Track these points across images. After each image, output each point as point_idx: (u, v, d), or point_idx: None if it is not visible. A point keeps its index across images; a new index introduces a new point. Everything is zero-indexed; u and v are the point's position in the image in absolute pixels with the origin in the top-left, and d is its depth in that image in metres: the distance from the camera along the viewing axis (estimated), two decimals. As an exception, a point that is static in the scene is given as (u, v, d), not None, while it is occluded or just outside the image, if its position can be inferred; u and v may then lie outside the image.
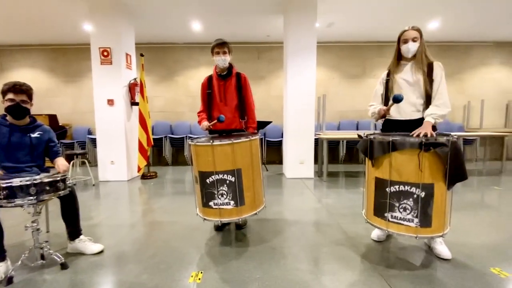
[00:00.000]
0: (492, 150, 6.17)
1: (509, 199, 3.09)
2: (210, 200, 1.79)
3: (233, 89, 2.18)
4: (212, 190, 1.78)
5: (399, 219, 1.57)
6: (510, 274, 1.55)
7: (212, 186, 1.77)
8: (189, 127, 5.89)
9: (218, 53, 2.08)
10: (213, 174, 1.75)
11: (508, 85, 6.17)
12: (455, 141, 1.48)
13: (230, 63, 2.17)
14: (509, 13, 4.54)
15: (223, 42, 2.09)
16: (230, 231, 2.22)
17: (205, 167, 1.78)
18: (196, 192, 1.91)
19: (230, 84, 2.18)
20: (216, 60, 2.12)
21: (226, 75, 2.17)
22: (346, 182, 4.04)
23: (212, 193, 1.78)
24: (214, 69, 2.20)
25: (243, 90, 2.21)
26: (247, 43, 5.78)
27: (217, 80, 2.18)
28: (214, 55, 2.12)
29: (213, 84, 2.20)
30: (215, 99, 2.19)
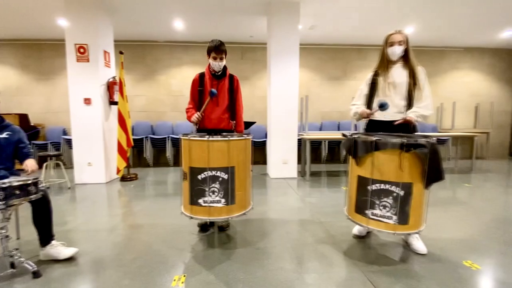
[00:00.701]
0: (463, 150, 6.55)
1: (479, 195, 3.29)
2: (200, 198, 1.76)
3: (225, 90, 2.17)
4: (203, 187, 1.75)
5: (379, 216, 1.63)
6: (480, 267, 1.66)
7: (203, 182, 1.74)
8: (171, 127, 5.77)
9: (215, 58, 2.07)
10: (206, 170, 1.73)
11: (477, 88, 6.59)
12: (434, 143, 1.56)
13: (225, 64, 2.17)
14: (477, 22, 4.85)
15: (221, 48, 2.06)
16: (213, 233, 2.19)
17: (198, 163, 1.74)
18: (184, 190, 1.86)
19: (223, 85, 2.17)
20: (211, 63, 2.10)
21: (220, 75, 2.16)
22: (328, 181, 4.13)
23: (202, 190, 1.75)
24: (208, 68, 2.18)
25: (235, 93, 2.22)
26: (230, 43, 5.75)
27: (210, 79, 2.16)
28: (210, 58, 2.09)
29: (205, 82, 2.17)
30: (206, 98, 2.17)
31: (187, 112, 2.23)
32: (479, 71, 6.57)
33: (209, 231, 2.22)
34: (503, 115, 6.72)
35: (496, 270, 1.62)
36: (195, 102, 2.21)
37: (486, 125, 6.55)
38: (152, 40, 5.68)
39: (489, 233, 2.16)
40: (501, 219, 2.46)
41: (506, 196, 3.26)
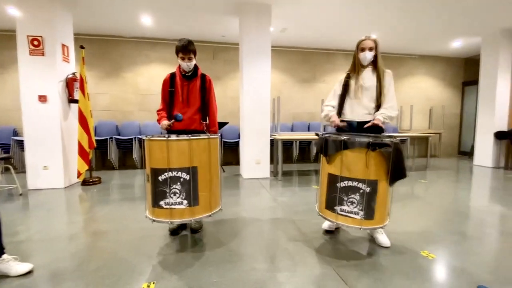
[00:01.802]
0: (420, 149, 7.15)
1: (433, 190, 3.61)
2: (161, 200, 1.70)
3: (197, 90, 2.12)
4: (164, 188, 1.68)
5: (347, 212, 1.71)
6: (436, 256, 1.81)
7: (164, 184, 1.68)
8: (139, 127, 5.49)
9: (183, 58, 2.01)
10: (166, 171, 1.67)
11: (431, 93, 7.23)
12: (397, 143, 1.67)
13: (196, 64, 2.12)
14: (430, 32, 5.32)
15: (189, 48, 1.99)
16: (184, 236, 2.12)
17: (158, 163, 1.68)
18: (147, 192, 1.79)
19: (194, 85, 2.11)
20: (181, 64, 2.05)
21: (191, 76, 2.10)
22: (299, 180, 4.23)
23: (163, 192, 1.69)
24: (178, 68, 2.11)
25: (207, 93, 2.17)
26: (202, 41, 5.65)
27: (181, 79, 2.10)
28: (178, 58, 2.04)
29: (176, 82, 2.10)
30: (177, 98, 2.10)
31: (158, 114, 2.16)
32: (432, 77, 7.22)
33: (180, 233, 2.15)
34: (453, 117, 7.46)
35: (449, 258, 1.78)
36: (166, 104, 2.15)
37: (439, 126, 7.22)
38: (118, 35, 5.37)
39: (442, 224, 2.37)
40: (452, 212, 2.72)
41: (456, 190, 3.61)
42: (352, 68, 2.07)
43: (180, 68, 2.09)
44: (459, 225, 2.35)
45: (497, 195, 3.38)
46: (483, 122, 5.65)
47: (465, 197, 3.27)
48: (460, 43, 6.02)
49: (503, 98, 5.45)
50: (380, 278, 1.54)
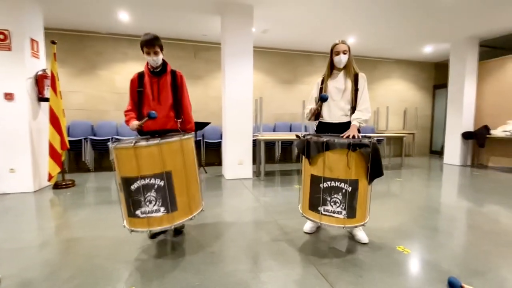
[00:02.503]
0: (395, 148, 7.48)
1: (408, 188, 3.79)
2: (137, 209, 1.62)
3: (168, 87, 2.04)
4: (138, 197, 1.60)
5: (330, 212, 1.75)
6: (410, 250, 1.90)
7: (137, 193, 1.60)
8: (115, 127, 5.28)
9: (148, 53, 1.93)
10: (138, 179, 1.58)
11: (405, 95, 7.60)
12: (375, 143, 1.74)
13: (164, 60, 2.04)
14: (404, 38, 5.59)
15: (152, 41, 1.91)
16: (164, 240, 2.07)
17: (128, 171, 1.60)
18: (121, 202, 1.71)
19: (164, 81, 2.03)
20: (147, 59, 1.97)
21: (159, 72, 2.02)
22: (281, 180, 4.28)
23: (138, 201, 1.61)
24: (146, 65, 2.03)
25: (179, 89, 2.09)
26: (182, 40, 5.54)
27: (150, 77, 2.01)
28: (144, 53, 1.95)
29: (144, 81, 2.02)
30: (147, 98, 2.01)
31: (125, 115, 2.05)
32: (406, 80, 7.59)
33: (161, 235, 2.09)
34: (425, 118, 7.89)
35: (422, 252, 1.88)
36: (135, 104, 2.05)
37: (412, 127, 7.60)
38: (93, 31, 5.13)
39: (417, 220, 2.50)
40: (425, 208, 2.87)
41: (428, 188, 3.82)
42: (327, 71, 2.13)
43: (148, 65, 2.01)
44: (431, 221, 2.49)
45: (464, 191, 3.62)
46: (451, 123, 6.02)
47: (436, 194, 3.47)
48: (430, 48, 6.38)
49: (470, 101, 5.84)
50: (360, 274, 1.59)
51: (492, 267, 1.68)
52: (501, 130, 5.34)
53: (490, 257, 1.80)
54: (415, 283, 1.51)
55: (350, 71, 2.06)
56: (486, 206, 2.94)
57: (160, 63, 1.99)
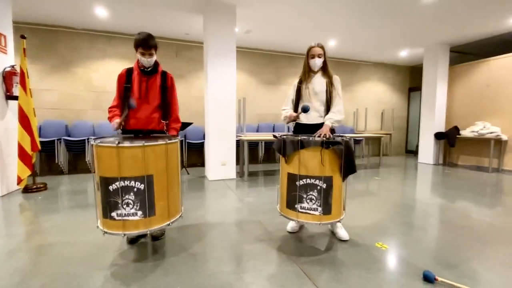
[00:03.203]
0: (373, 148, 7.76)
1: (385, 186, 3.94)
2: (113, 211, 1.56)
3: (157, 87, 2.00)
4: (115, 199, 1.55)
5: (307, 209, 1.79)
6: (388, 247, 1.98)
7: (115, 194, 1.54)
8: (92, 127, 5.06)
9: (143, 54, 1.90)
10: (118, 180, 1.53)
11: (383, 97, 7.90)
12: (347, 141, 1.80)
13: (156, 60, 2.01)
14: (382, 42, 5.81)
15: (148, 41, 1.88)
16: (144, 244, 2.01)
17: (108, 172, 1.54)
18: (97, 201, 1.64)
19: (154, 82, 2.00)
20: (140, 59, 1.93)
21: (151, 71, 1.99)
22: (265, 180, 4.29)
23: (115, 202, 1.55)
24: (137, 63, 1.98)
25: (169, 91, 2.06)
26: (164, 38, 5.41)
27: (140, 75, 1.97)
28: (137, 53, 1.91)
29: (133, 78, 1.96)
30: (133, 95, 1.96)
31: (109, 112, 1.99)
32: (384, 83, 7.90)
33: (139, 241, 2.02)
34: (401, 119, 8.25)
35: (399, 248, 1.96)
36: (121, 100, 1.99)
37: (389, 128, 7.92)
38: (67, 26, 4.88)
39: (393, 217, 2.60)
40: (401, 205, 2.99)
41: (404, 186, 3.99)
42: (303, 74, 2.17)
43: (139, 63, 1.97)
44: (407, 217, 2.60)
45: (437, 189, 3.82)
46: (425, 124, 6.34)
47: (412, 192, 3.63)
48: (406, 53, 6.68)
49: (441, 103, 6.18)
50: (340, 271, 1.63)
51: (463, 260, 1.78)
52: (469, 131, 5.70)
53: (461, 251, 1.91)
54: (393, 277, 1.57)
55: (325, 73, 2.12)
56: (457, 202, 3.12)
57: (152, 64, 1.96)
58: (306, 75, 2.15)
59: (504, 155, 5.32)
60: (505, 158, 5.31)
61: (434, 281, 1.51)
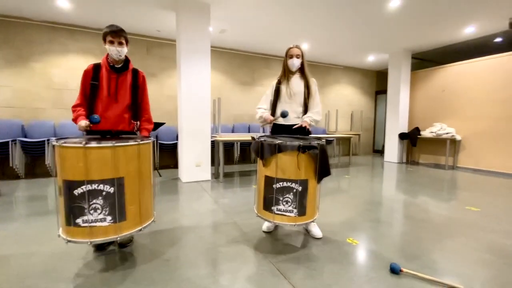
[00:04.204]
0: (343, 148, 8.10)
1: (355, 184, 4.13)
2: (78, 217, 1.44)
3: (127, 86, 1.90)
4: (81, 204, 1.44)
5: (283, 211, 1.81)
6: (358, 242, 2.07)
7: (81, 199, 1.43)
8: (53, 127, 4.67)
9: (112, 42, 1.78)
10: (84, 184, 1.43)
11: (352, 99, 8.29)
12: (323, 144, 1.86)
13: (126, 56, 1.90)
14: (351, 47, 6.10)
15: (119, 30, 1.80)
16: (111, 252, 1.90)
17: (74, 175, 1.43)
18: (60, 208, 1.52)
19: (124, 79, 1.89)
20: (109, 50, 1.81)
21: (121, 68, 1.87)
22: (240, 181, 4.28)
23: (81, 208, 1.44)
24: (106, 58, 1.86)
25: (140, 90, 1.97)
26: (134, 34, 5.17)
27: (108, 71, 1.85)
28: (106, 43, 1.80)
29: (101, 75, 1.84)
30: (101, 93, 1.83)
31: (73, 111, 1.84)
32: (353, 86, 8.29)
33: (108, 248, 1.91)
34: (369, 121, 8.72)
35: (368, 243, 2.06)
36: (85, 99, 1.85)
37: (358, 129, 8.33)
38: (23, 17, 4.46)
39: (363, 213, 2.73)
40: (369, 202, 3.16)
41: (372, 183, 4.22)
42: (282, 74, 2.21)
43: (108, 58, 1.85)
44: (375, 213, 2.75)
45: (401, 185, 4.09)
46: (390, 125, 6.77)
47: (379, 189, 3.85)
48: (373, 58, 7.08)
49: (404, 105, 6.64)
50: (314, 268, 1.67)
51: (424, 252, 1.92)
52: (429, 131, 6.19)
53: (423, 243, 2.07)
54: (363, 271, 1.65)
55: (303, 75, 2.16)
56: (418, 197, 3.37)
57: (123, 57, 1.86)
58: (285, 75, 2.18)
59: (458, 154, 5.86)
60: (459, 157, 5.85)
61: (399, 273, 1.61)
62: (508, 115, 5.03)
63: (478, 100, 5.50)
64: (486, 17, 4.42)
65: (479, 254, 1.90)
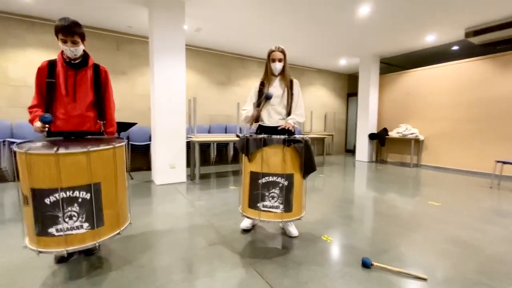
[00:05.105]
0: (318, 148, 8.35)
1: (329, 183, 4.27)
2: (51, 226, 1.34)
3: (88, 83, 1.75)
4: (54, 212, 1.34)
5: (269, 207, 1.83)
6: (332, 239, 2.14)
7: (54, 207, 1.33)
8: (10, 128, 4.26)
9: (65, 41, 1.62)
10: (57, 191, 1.33)
11: (325, 101, 8.57)
12: (307, 140, 1.90)
13: (85, 51, 1.76)
14: (323, 51, 6.31)
15: (70, 27, 1.61)
16: (78, 260, 1.77)
17: (44, 182, 1.32)
18: (26, 217, 1.39)
19: (84, 76, 1.74)
20: (63, 48, 1.66)
21: (79, 64, 1.73)
22: (217, 182, 4.23)
23: (54, 217, 1.34)
24: (61, 54, 1.71)
25: (103, 87, 1.83)
26: (102, 29, 4.89)
27: (65, 68, 1.70)
28: (59, 41, 1.64)
29: (57, 72, 1.69)
30: (59, 92, 1.69)
31: (30, 112, 1.69)
32: (326, 88, 8.58)
33: (71, 258, 1.77)
34: (341, 122, 9.07)
35: (342, 239, 2.14)
36: (42, 98, 1.70)
37: (331, 129, 8.63)
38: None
39: (336, 211, 2.83)
40: (343, 200, 3.28)
41: (344, 182, 4.39)
42: (264, 77, 2.23)
43: (64, 54, 1.70)
44: (347, 210, 2.86)
45: (371, 183, 4.30)
46: (361, 126, 7.10)
47: (351, 187, 4.02)
48: (345, 62, 7.38)
49: (373, 107, 7.00)
50: (291, 266, 1.70)
51: (393, 245, 2.04)
52: (395, 132, 6.59)
53: (391, 237, 2.19)
54: (337, 267, 1.71)
55: (286, 77, 2.19)
56: (387, 194, 3.57)
57: (79, 54, 1.70)
58: (268, 78, 2.20)
59: (421, 153, 6.31)
60: (422, 155, 6.30)
61: (370, 266, 1.70)
62: (464, 117, 5.52)
63: (438, 103, 5.97)
64: (444, 27, 4.81)
65: (440, 245, 2.05)
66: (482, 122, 5.24)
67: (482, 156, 5.22)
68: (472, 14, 4.26)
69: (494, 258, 1.86)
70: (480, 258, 1.86)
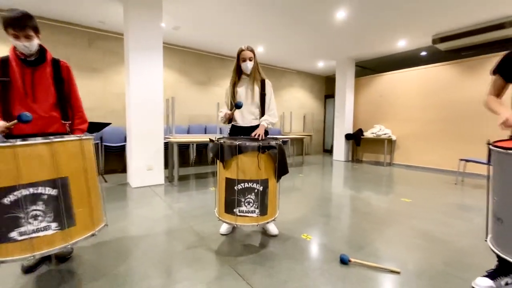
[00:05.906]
0: (297, 148, 8.50)
1: (307, 182, 4.36)
2: (13, 229, 1.23)
3: (48, 81, 1.61)
4: (15, 213, 1.23)
5: (245, 212, 1.81)
6: (312, 237, 2.18)
7: (15, 207, 1.22)
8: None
9: (16, 37, 1.46)
10: (16, 189, 1.22)
11: (304, 102, 8.75)
12: (281, 144, 1.92)
13: (41, 45, 1.60)
14: (303, 53, 6.44)
15: (21, 20, 1.45)
16: (48, 271, 1.66)
17: (1, 180, 1.20)
18: None
19: (43, 73, 1.60)
20: (14, 44, 1.50)
21: (36, 61, 1.58)
22: (196, 183, 4.15)
23: (15, 218, 1.23)
24: (13, 50, 1.55)
25: (66, 84, 1.69)
26: (72, 24, 4.62)
27: (20, 66, 1.54)
28: (10, 36, 1.48)
29: (11, 70, 1.53)
30: (16, 92, 1.54)
31: None
32: (305, 90, 8.76)
33: (39, 267, 1.65)
34: (319, 122, 9.31)
35: (320, 237, 2.19)
36: None
37: (310, 130, 8.82)
38: None
39: (315, 210, 2.90)
40: (321, 198, 3.36)
41: (323, 181, 4.50)
42: (235, 76, 2.19)
43: (17, 50, 1.55)
44: (325, 209, 2.94)
45: (348, 182, 4.45)
46: (337, 126, 7.33)
47: (328, 186, 4.13)
48: (322, 64, 7.59)
49: (349, 109, 7.26)
50: (272, 266, 1.71)
51: (369, 241, 2.12)
52: (370, 132, 6.88)
53: (367, 234, 2.28)
54: (316, 264, 1.75)
55: (257, 77, 2.18)
56: (362, 192, 3.72)
57: (34, 50, 1.55)
58: (239, 77, 2.18)
59: (394, 152, 6.63)
60: (394, 154, 6.63)
61: (348, 262, 1.75)
62: (432, 118, 5.89)
63: (408, 105, 6.32)
64: (414, 33, 5.10)
65: (412, 239, 2.17)
66: (448, 123, 5.62)
67: (447, 154, 5.61)
68: (439, 22, 4.56)
69: (460, 250, 2.00)
70: (448, 251, 1.99)
